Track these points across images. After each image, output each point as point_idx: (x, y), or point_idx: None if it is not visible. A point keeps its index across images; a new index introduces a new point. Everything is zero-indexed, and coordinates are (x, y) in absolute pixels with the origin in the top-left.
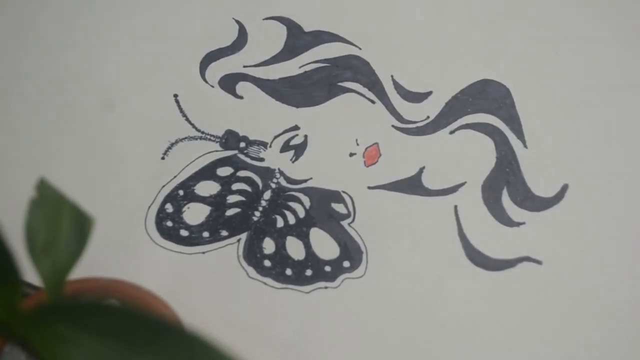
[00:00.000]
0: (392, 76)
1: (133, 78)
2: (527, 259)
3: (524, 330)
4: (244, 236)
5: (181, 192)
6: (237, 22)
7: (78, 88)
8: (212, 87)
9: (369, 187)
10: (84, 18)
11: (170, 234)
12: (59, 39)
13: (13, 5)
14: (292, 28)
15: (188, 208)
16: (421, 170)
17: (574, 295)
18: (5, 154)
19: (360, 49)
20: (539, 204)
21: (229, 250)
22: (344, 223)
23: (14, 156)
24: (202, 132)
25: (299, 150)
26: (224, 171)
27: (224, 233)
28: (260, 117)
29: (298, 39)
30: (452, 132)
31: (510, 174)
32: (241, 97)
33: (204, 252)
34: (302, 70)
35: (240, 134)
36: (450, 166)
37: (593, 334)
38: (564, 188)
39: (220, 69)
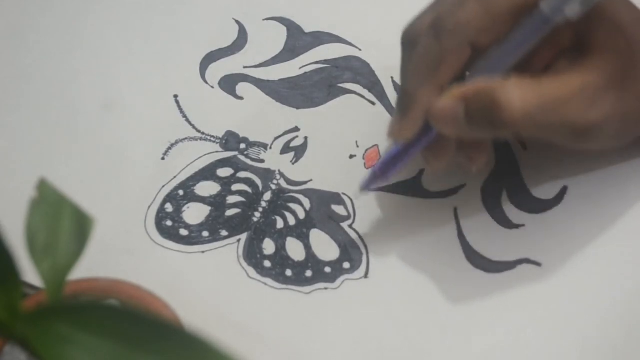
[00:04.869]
0: (392, 77)
1: (133, 78)
2: (527, 260)
3: (523, 331)
4: (244, 236)
5: (181, 192)
6: (237, 22)
7: (78, 88)
8: (212, 87)
9: (369, 189)
10: (84, 18)
11: (170, 234)
12: (59, 40)
13: (13, 5)
14: (292, 29)
15: (188, 208)
16: (421, 172)
17: (573, 297)
18: (6, 154)
19: (360, 50)
20: (538, 206)
21: (229, 251)
22: (344, 225)
23: (14, 156)
24: (202, 133)
25: (299, 151)
26: (224, 172)
27: (224, 233)
28: (260, 118)
29: (298, 40)
30: None
31: (510, 176)
32: (241, 98)
33: (203, 252)
34: (302, 72)
35: (241, 135)
36: (450, 168)
37: (592, 336)
38: (563, 190)
39: (220, 69)
